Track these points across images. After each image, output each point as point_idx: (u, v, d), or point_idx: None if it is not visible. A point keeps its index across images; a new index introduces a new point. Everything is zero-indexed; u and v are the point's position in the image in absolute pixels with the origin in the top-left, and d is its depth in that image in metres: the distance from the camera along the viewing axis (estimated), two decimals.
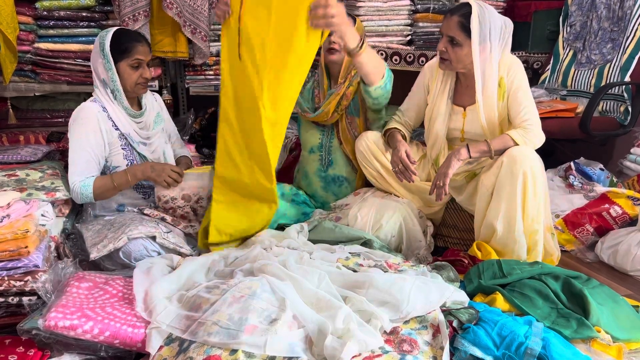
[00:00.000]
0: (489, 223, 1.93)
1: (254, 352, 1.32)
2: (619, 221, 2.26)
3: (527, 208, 1.87)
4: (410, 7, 3.05)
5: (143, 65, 2.03)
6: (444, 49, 1.97)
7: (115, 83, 2.01)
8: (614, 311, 1.60)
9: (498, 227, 1.90)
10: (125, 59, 2.00)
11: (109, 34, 2.00)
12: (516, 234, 1.89)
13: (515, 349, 1.34)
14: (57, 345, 1.47)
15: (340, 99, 2.24)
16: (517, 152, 1.86)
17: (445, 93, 2.11)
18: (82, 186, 1.96)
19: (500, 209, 1.89)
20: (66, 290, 1.57)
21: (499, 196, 1.89)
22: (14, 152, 2.41)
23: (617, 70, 2.79)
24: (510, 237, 1.90)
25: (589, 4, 3.03)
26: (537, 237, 1.92)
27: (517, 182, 1.84)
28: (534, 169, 1.85)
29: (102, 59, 1.99)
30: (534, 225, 1.90)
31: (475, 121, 2.06)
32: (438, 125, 2.12)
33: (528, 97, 2.00)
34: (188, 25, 2.69)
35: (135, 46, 2.00)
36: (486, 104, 1.99)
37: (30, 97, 2.80)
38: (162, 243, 1.90)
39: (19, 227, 1.62)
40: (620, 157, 2.83)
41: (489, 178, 1.93)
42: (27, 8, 2.55)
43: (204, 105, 3.30)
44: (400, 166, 2.03)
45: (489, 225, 1.94)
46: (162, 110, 2.29)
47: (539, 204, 1.89)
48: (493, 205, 1.92)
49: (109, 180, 1.99)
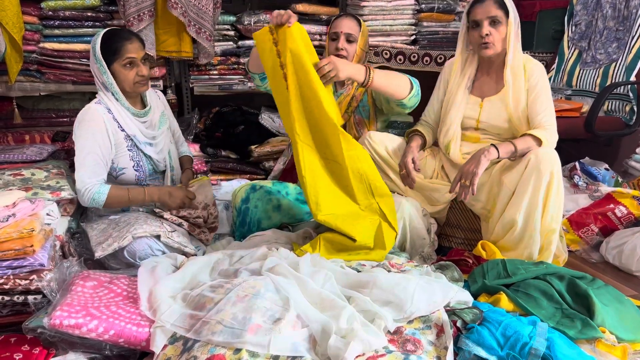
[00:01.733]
0: (510, 217, 1.94)
1: (258, 352, 1.32)
2: (624, 221, 2.26)
3: (548, 206, 1.90)
4: (415, 7, 3.05)
5: (137, 62, 2.00)
6: (488, 32, 2.01)
7: (112, 86, 2.00)
8: (618, 312, 1.59)
9: (519, 220, 1.92)
10: (117, 60, 1.97)
11: (98, 37, 1.98)
12: (534, 230, 1.91)
13: (519, 349, 1.34)
14: (62, 343, 1.47)
15: (350, 100, 2.25)
16: (544, 152, 1.90)
17: (463, 83, 2.15)
18: (97, 192, 1.94)
19: (522, 204, 1.91)
20: (71, 289, 1.58)
21: (523, 192, 1.91)
22: (19, 151, 2.42)
23: (622, 69, 2.78)
24: (528, 232, 1.92)
25: (594, 4, 3.02)
26: (553, 237, 1.94)
27: (542, 179, 1.86)
28: (558, 171, 1.89)
29: (96, 63, 1.99)
30: (553, 224, 1.92)
31: (492, 112, 2.10)
32: (453, 112, 2.15)
33: (550, 100, 2.05)
34: (193, 25, 2.70)
35: (124, 45, 1.97)
36: (515, 84, 2.04)
37: (36, 97, 2.81)
38: (166, 242, 1.90)
39: (24, 226, 1.62)
40: (625, 157, 2.82)
41: (511, 177, 1.95)
42: (33, 8, 2.57)
43: (209, 105, 3.31)
44: (404, 171, 2.08)
45: (509, 220, 1.95)
46: (165, 107, 2.29)
47: (560, 205, 1.92)
48: (515, 200, 1.94)
49: (125, 193, 2.00)
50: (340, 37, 2.20)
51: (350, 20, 2.24)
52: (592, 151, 2.84)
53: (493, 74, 2.13)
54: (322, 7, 3.03)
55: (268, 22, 2.95)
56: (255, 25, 2.93)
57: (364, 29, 2.26)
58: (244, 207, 2.18)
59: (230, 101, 3.38)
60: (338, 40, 2.21)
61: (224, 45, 2.99)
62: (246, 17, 2.94)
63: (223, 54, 3.00)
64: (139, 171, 2.10)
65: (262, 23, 2.95)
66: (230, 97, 3.23)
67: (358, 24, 2.25)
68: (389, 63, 3.03)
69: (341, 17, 2.26)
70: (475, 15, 2.03)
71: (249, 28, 2.93)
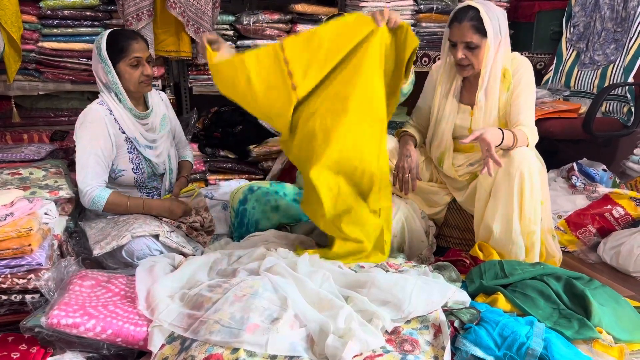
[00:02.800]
0: (487, 224, 1.93)
1: (256, 351, 1.32)
2: (621, 222, 2.26)
3: (524, 209, 1.85)
4: (413, 7, 3.05)
5: (142, 62, 2.01)
6: (464, 56, 1.96)
7: (117, 86, 2.00)
8: (615, 312, 1.60)
9: (495, 228, 1.90)
10: (123, 59, 1.98)
11: (103, 37, 1.99)
12: (513, 235, 1.88)
13: (516, 350, 1.34)
14: (60, 343, 1.48)
15: None
16: (516, 153, 1.85)
17: (451, 93, 2.11)
18: (98, 195, 1.96)
19: (498, 209, 1.89)
20: (69, 289, 1.58)
21: (496, 197, 1.89)
22: (17, 150, 2.42)
23: (620, 71, 2.79)
24: (507, 237, 1.89)
25: (593, 5, 3.03)
26: (534, 238, 1.90)
27: (513, 182, 1.82)
28: (531, 170, 1.83)
29: (101, 63, 1.98)
30: (531, 226, 1.88)
31: (483, 120, 2.06)
32: (444, 125, 2.12)
33: (533, 99, 2.01)
34: (191, 25, 2.70)
35: (131, 44, 1.98)
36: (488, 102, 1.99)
37: (34, 96, 2.81)
38: (164, 242, 1.91)
39: (22, 225, 1.62)
40: (623, 158, 2.82)
41: (486, 179, 1.92)
42: (32, 7, 2.56)
43: (207, 104, 3.30)
44: (406, 176, 2.04)
45: (487, 226, 1.93)
46: (168, 109, 2.29)
47: (536, 205, 1.87)
48: (490, 205, 1.91)
49: (124, 200, 2.01)
50: None
51: None
52: (590, 152, 2.84)
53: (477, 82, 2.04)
54: (321, 7, 3.03)
55: (267, 22, 2.96)
56: (254, 25, 2.93)
57: None
58: (242, 208, 2.18)
59: (229, 101, 3.37)
60: None
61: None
62: (245, 17, 2.94)
63: None
64: (137, 173, 2.10)
65: (261, 23, 2.95)
66: None
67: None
68: None
69: None
70: (452, 36, 1.97)
71: (247, 28, 2.93)
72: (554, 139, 2.73)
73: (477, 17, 1.91)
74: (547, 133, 2.55)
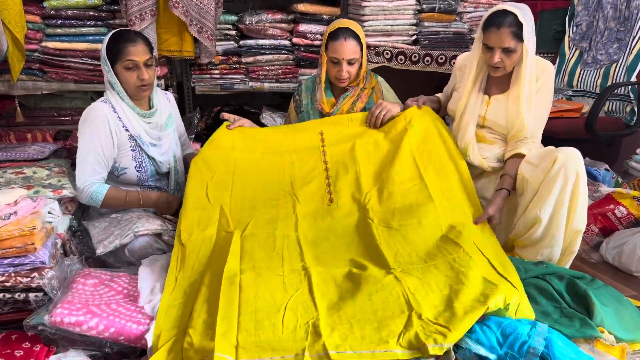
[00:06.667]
0: (534, 214, 1.87)
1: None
2: (624, 222, 2.26)
3: (575, 206, 1.82)
4: (416, 7, 3.05)
5: (139, 65, 1.97)
6: (500, 59, 1.96)
7: (116, 85, 2.00)
8: (618, 312, 1.60)
9: (543, 218, 1.84)
10: (119, 62, 1.97)
11: (107, 37, 1.99)
12: (558, 229, 1.85)
13: (518, 348, 1.34)
14: (63, 341, 1.48)
15: (355, 100, 2.26)
16: (572, 152, 1.83)
17: (477, 85, 2.12)
18: (95, 191, 1.97)
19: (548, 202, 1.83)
20: (72, 287, 1.59)
21: (548, 191, 1.83)
22: (21, 150, 2.43)
23: (623, 70, 2.78)
24: (552, 230, 1.85)
25: (595, 4, 3.02)
26: (578, 238, 1.87)
27: (569, 179, 1.80)
28: (583, 172, 1.83)
29: (103, 62, 2.00)
30: (580, 225, 1.85)
31: (498, 110, 2.06)
32: (468, 115, 2.12)
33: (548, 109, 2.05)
34: (194, 25, 2.71)
35: (126, 47, 1.95)
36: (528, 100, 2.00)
37: (38, 96, 2.82)
38: (167, 241, 1.91)
39: (25, 224, 1.63)
40: (626, 158, 2.82)
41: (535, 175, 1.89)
42: (35, 7, 2.57)
43: (210, 104, 3.32)
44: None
45: (533, 217, 1.87)
46: (173, 110, 2.29)
47: (585, 205, 1.85)
48: (539, 198, 1.86)
49: (122, 195, 2.02)
50: (342, 63, 2.21)
51: (350, 42, 2.19)
52: (593, 152, 2.84)
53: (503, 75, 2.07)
54: (324, 7, 3.03)
55: (270, 22, 2.96)
56: (257, 25, 2.94)
57: (363, 41, 2.25)
58: None
59: (231, 100, 3.38)
60: (340, 65, 2.21)
61: (226, 44, 2.99)
62: (248, 17, 2.95)
63: (224, 54, 3.00)
64: (140, 172, 2.10)
65: (264, 22, 2.95)
66: (231, 96, 3.24)
67: (358, 43, 2.22)
68: (389, 63, 3.03)
69: (340, 40, 2.19)
70: (489, 40, 1.96)
71: (250, 27, 2.94)
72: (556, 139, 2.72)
73: (515, 23, 1.91)
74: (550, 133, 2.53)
